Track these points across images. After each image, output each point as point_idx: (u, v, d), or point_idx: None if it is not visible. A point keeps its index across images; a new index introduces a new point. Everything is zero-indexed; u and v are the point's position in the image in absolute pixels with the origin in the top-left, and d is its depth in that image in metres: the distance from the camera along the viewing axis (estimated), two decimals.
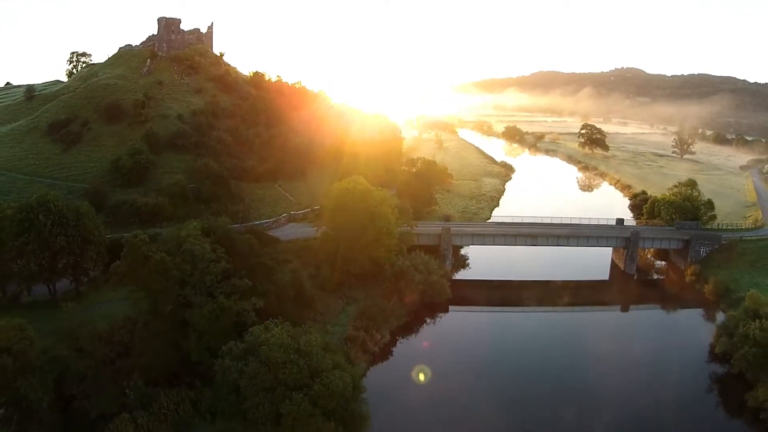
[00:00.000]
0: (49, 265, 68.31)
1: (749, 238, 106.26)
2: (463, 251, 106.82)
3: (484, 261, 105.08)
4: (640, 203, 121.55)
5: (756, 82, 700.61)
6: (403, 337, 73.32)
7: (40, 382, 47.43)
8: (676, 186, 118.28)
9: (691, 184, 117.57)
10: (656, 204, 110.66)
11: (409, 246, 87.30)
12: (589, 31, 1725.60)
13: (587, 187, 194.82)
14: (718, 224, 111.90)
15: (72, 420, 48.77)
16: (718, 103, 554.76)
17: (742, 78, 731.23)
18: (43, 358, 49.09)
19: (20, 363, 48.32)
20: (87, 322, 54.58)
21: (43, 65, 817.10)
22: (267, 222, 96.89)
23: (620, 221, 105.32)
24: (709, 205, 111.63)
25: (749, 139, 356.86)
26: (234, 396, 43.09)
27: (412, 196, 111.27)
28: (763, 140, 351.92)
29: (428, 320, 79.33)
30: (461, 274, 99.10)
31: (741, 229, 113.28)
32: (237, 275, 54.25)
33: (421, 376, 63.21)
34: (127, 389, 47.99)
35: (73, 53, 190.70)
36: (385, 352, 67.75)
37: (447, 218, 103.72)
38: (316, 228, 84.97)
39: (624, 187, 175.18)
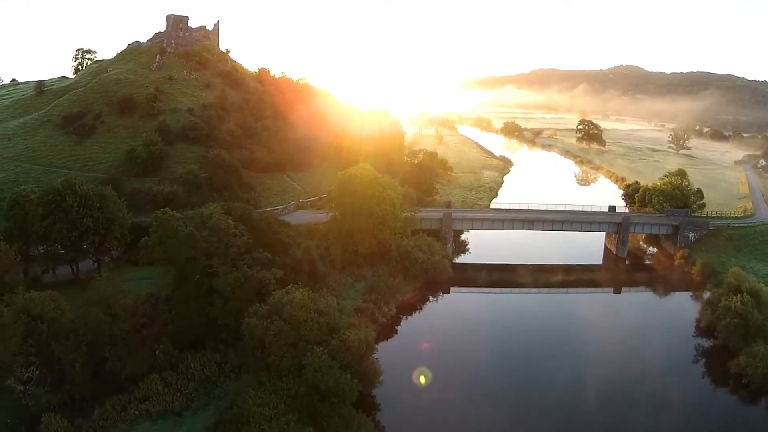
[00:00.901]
0: (74, 245, 73.01)
1: (737, 225, 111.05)
2: (463, 237, 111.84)
3: (484, 246, 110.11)
4: (632, 192, 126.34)
5: (755, 80, 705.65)
6: (407, 311, 78.54)
7: (74, 345, 51.95)
8: (666, 176, 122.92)
9: (681, 174, 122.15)
10: (647, 192, 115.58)
11: (413, 230, 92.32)
12: (588, 29, 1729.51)
13: (582, 179, 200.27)
14: (707, 212, 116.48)
15: (103, 381, 52.74)
16: (715, 100, 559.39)
17: (740, 75, 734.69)
18: (78, 323, 53.79)
19: (54, 329, 52.99)
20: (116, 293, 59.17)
21: (45, 62, 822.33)
22: (277, 209, 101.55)
23: (612, 208, 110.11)
24: (699, 194, 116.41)
25: (746, 135, 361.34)
26: (259, 351, 47.86)
27: (414, 185, 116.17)
28: (759, 136, 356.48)
29: (431, 298, 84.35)
30: (461, 258, 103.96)
31: (730, 217, 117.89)
32: (257, 250, 59.08)
33: (425, 346, 68.46)
34: (157, 351, 52.60)
35: (78, 50, 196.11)
36: (392, 323, 72.99)
37: (448, 205, 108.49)
38: (326, 213, 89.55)
39: (618, 179, 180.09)
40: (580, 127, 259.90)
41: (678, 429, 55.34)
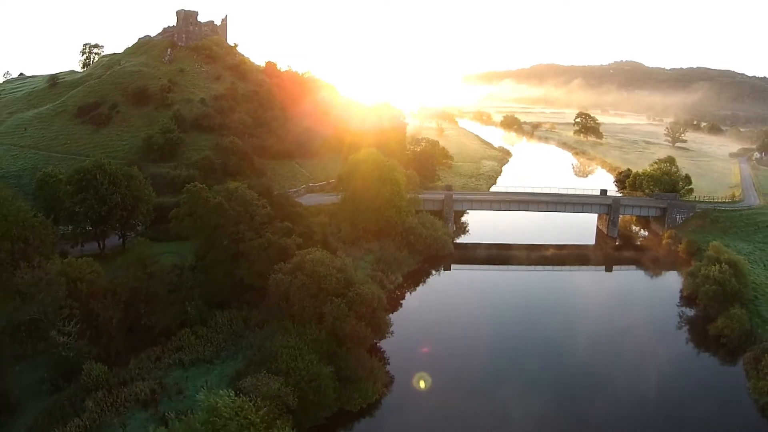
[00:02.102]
0: (102, 220, 78.75)
1: (723, 208, 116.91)
2: (463, 219, 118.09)
3: (483, 227, 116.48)
4: (623, 178, 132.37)
5: (754, 76, 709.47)
6: (412, 280, 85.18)
7: (112, 303, 57.80)
8: (656, 162, 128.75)
9: (670, 160, 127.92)
10: (637, 178, 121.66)
11: (416, 211, 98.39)
12: (589, 24, 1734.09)
13: (577, 168, 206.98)
14: (695, 197, 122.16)
15: (137, 336, 58.32)
16: (714, 95, 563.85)
17: (740, 71, 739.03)
18: (115, 283, 59.75)
19: (92, 289, 58.79)
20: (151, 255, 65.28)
21: (50, 57, 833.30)
22: (289, 192, 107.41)
23: (604, 191, 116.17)
24: (687, 179, 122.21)
25: (743, 130, 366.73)
26: (284, 303, 53.88)
27: (417, 171, 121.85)
28: (756, 131, 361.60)
29: (433, 271, 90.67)
30: (462, 239, 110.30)
31: (717, 202, 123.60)
32: (277, 220, 65.17)
33: (426, 314, 74.85)
34: (188, 307, 58.56)
35: (85, 45, 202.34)
36: (398, 291, 79.46)
37: (448, 188, 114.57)
38: (335, 194, 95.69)
39: (612, 169, 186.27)
40: (578, 119, 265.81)
41: (661, 383, 60.26)
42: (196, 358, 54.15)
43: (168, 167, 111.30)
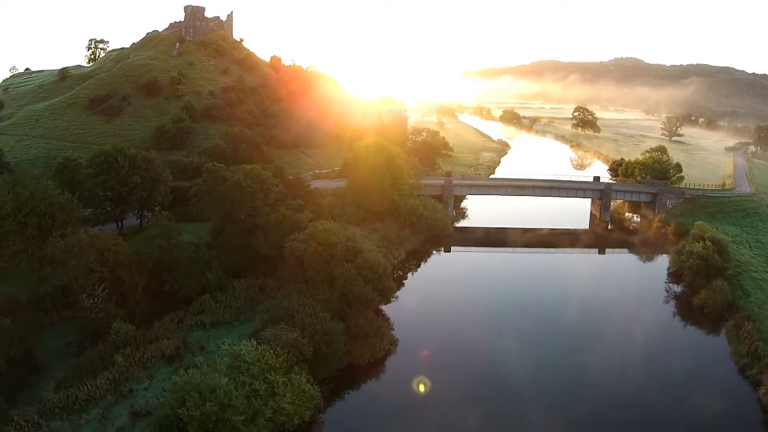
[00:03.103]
0: (123, 200, 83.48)
1: (713, 195, 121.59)
2: (462, 204, 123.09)
3: (481, 212, 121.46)
4: (616, 167, 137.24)
5: (754, 73, 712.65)
6: (414, 257, 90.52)
7: (137, 270, 62.56)
8: (648, 151, 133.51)
9: (662, 149, 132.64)
10: (629, 166, 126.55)
11: (417, 195, 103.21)
12: (590, 21, 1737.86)
13: (573, 158, 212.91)
14: (686, 184, 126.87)
15: (160, 301, 62.68)
16: (714, 92, 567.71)
17: (740, 68, 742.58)
18: (140, 253, 64.54)
19: (118, 259, 63.46)
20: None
21: (53, 53, 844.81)
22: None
23: (597, 178, 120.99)
24: (678, 167, 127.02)
25: (740, 125, 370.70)
26: (299, 268, 58.86)
27: (419, 159, 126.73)
28: (753, 126, 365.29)
29: (434, 251, 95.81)
30: (461, 223, 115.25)
31: (707, 189, 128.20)
32: (290, 198, 70.18)
33: (427, 285, 79.94)
34: (208, 275, 63.40)
35: (91, 40, 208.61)
36: (400, 266, 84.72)
37: (449, 174, 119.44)
38: (340, 180, 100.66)
39: (606, 159, 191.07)
40: (576, 113, 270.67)
41: (649, 349, 64.73)
42: (216, 320, 58.95)
43: (180, 155, 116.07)
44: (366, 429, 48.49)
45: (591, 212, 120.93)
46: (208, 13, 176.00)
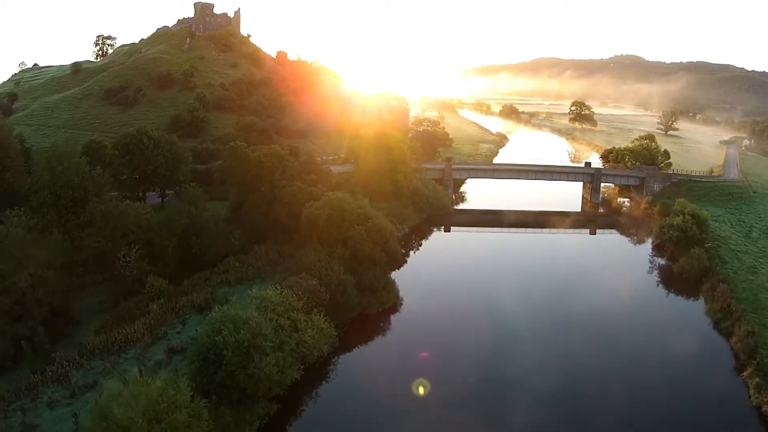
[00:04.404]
0: (147, 178, 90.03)
1: (699, 180, 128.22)
2: (461, 188, 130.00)
3: (479, 196, 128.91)
4: (607, 154, 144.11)
5: (753, 70, 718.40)
6: (416, 234, 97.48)
7: (168, 234, 69.16)
8: (637, 139, 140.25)
9: (650, 137, 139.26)
10: (619, 153, 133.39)
11: (419, 178, 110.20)
12: (589, 19, 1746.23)
13: (566, 148, 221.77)
14: (673, 170, 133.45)
15: (188, 262, 68.90)
16: (714, 89, 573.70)
17: (740, 66, 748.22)
18: (170, 219, 71.09)
19: (149, 225, 70.01)
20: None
21: (59, 48, 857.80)
22: None
23: (588, 163, 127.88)
24: (666, 154, 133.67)
25: (737, 120, 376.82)
26: (315, 230, 65.73)
27: (420, 146, 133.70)
28: (748, 120, 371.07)
29: (434, 228, 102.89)
30: (460, 206, 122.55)
31: (693, 175, 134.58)
32: (304, 173, 77.18)
33: (428, 257, 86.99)
34: (233, 239, 70.24)
35: (99, 36, 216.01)
36: (404, 238, 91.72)
37: (448, 159, 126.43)
38: (345, 164, 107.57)
39: (598, 149, 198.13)
40: (573, 108, 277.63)
41: (633, 310, 71.38)
42: (240, 278, 65.62)
43: (195, 142, 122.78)
44: (377, 365, 55.45)
45: (582, 195, 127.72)
46: (216, 10, 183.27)
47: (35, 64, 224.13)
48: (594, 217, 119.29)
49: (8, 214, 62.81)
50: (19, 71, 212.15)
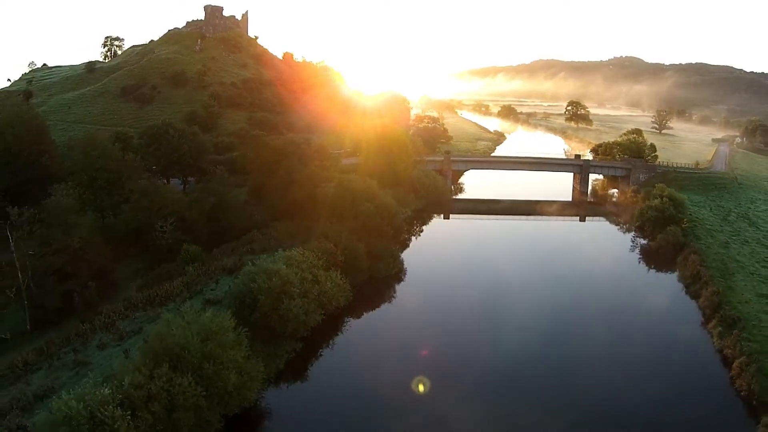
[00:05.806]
0: (173, 165, 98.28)
1: (684, 171, 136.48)
2: (460, 180, 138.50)
3: (476, 187, 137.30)
4: (597, 149, 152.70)
5: (752, 72, 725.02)
6: (417, 219, 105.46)
7: (198, 211, 77.35)
8: (625, 133, 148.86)
9: (638, 132, 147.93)
10: (608, 146, 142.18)
11: (420, 170, 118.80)
12: (588, 21, 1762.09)
13: (561, 146, 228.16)
14: (659, 162, 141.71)
15: (216, 234, 77.17)
16: (713, 90, 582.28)
17: (738, 67, 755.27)
18: (201, 196, 79.32)
19: (180, 203, 77.94)
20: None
21: (66, 49, 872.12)
22: None
23: (578, 156, 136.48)
24: (652, 148, 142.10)
25: (732, 121, 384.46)
26: (329, 206, 74.30)
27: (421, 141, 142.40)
28: (743, 120, 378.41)
29: (434, 215, 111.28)
30: (458, 195, 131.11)
31: (678, 167, 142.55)
32: (317, 160, 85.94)
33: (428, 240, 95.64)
34: (256, 214, 78.65)
35: (107, 38, 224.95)
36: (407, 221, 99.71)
37: (448, 152, 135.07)
38: (350, 157, 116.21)
39: (589, 145, 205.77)
40: (569, 108, 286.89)
41: (614, 282, 79.79)
42: (263, 248, 73.39)
43: (210, 136, 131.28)
44: (385, 317, 64.33)
45: (573, 186, 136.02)
46: (224, 13, 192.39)
47: (44, 64, 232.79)
48: (583, 205, 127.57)
49: (57, 187, 70.68)
50: (30, 71, 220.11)
